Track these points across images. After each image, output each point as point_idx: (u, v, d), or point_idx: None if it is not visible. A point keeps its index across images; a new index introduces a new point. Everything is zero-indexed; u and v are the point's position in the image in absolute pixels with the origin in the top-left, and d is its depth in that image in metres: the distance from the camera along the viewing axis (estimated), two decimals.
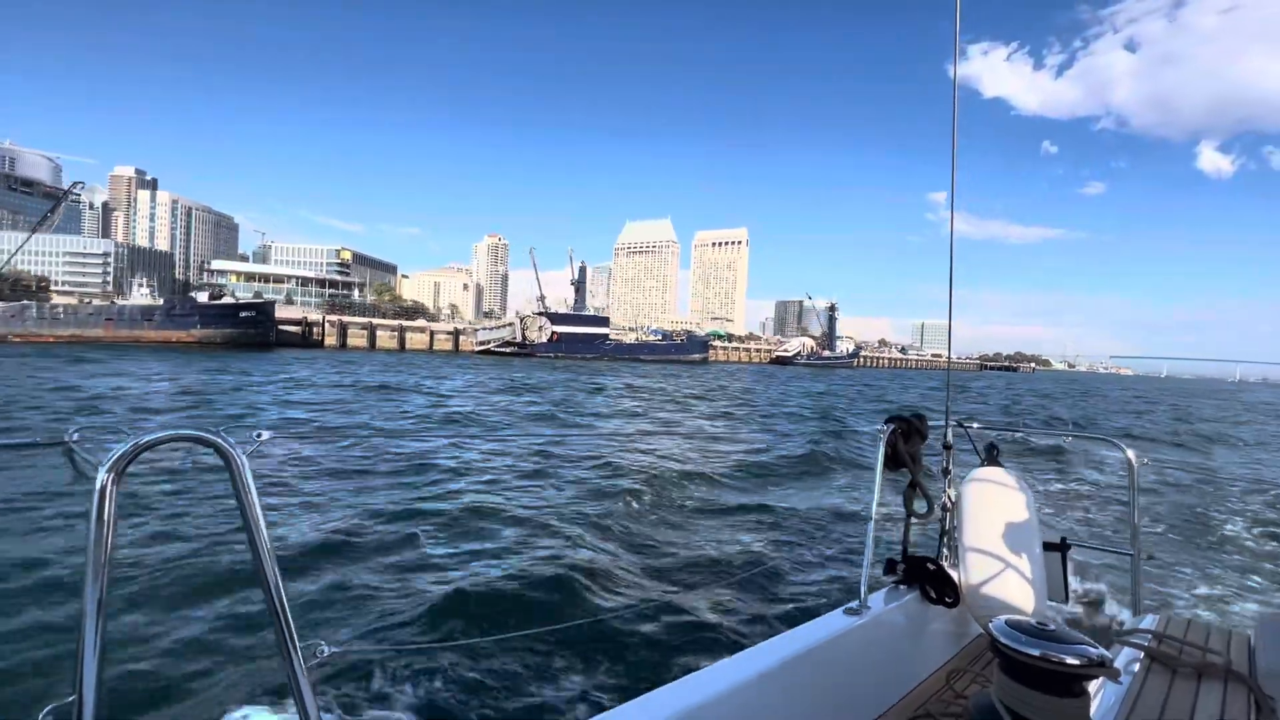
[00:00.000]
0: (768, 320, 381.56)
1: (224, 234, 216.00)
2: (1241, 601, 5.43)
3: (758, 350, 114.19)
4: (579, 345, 77.78)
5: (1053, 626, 1.52)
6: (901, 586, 2.42)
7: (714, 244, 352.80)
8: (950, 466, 2.86)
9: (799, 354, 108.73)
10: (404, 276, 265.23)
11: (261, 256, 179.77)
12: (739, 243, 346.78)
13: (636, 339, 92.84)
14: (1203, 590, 5.58)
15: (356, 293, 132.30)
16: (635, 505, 7.04)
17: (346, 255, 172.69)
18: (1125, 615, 3.34)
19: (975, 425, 3.10)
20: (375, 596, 4.44)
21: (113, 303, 59.77)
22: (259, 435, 1.24)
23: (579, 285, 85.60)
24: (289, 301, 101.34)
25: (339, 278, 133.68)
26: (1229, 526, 7.69)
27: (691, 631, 4.20)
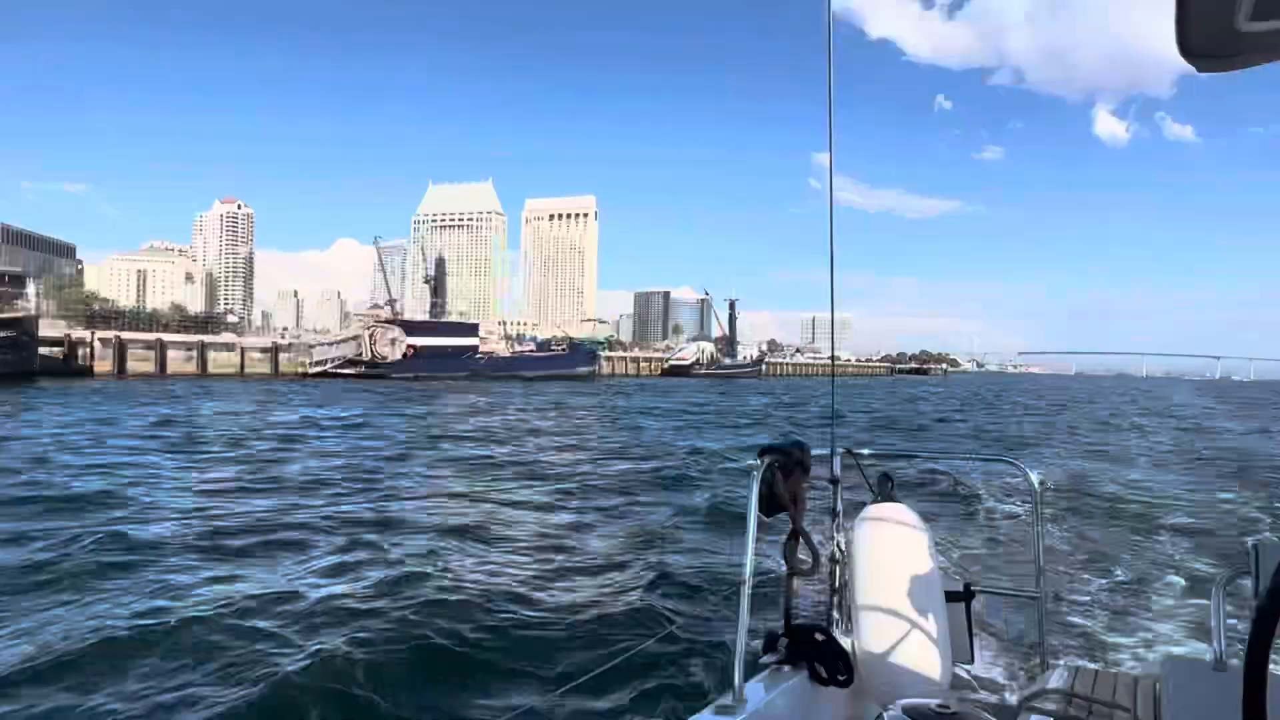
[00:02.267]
0: (622, 318, 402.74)
1: None
2: (1147, 636, 6.92)
3: (647, 360, 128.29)
4: (442, 361, 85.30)
5: (954, 708, 1.77)
6: (785, 668, 2.58)
7: (553, 216, 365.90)
8: (839, 506, 3.20)
9: (697, 362, 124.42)
10: (79, 264, 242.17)
11: None
12: (585, 215, 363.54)
13: (512, 351, 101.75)
14: (1110, 635, 7.00)
15: (32, 288, 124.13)
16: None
17: None
18: (1035, 669, 3.87)
19: (866, 452, 3.48)
20: None
21: None
22: None
23: (437, 282, 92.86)
24: None
25: None
26: (1132, 554, 9.77)
27: None
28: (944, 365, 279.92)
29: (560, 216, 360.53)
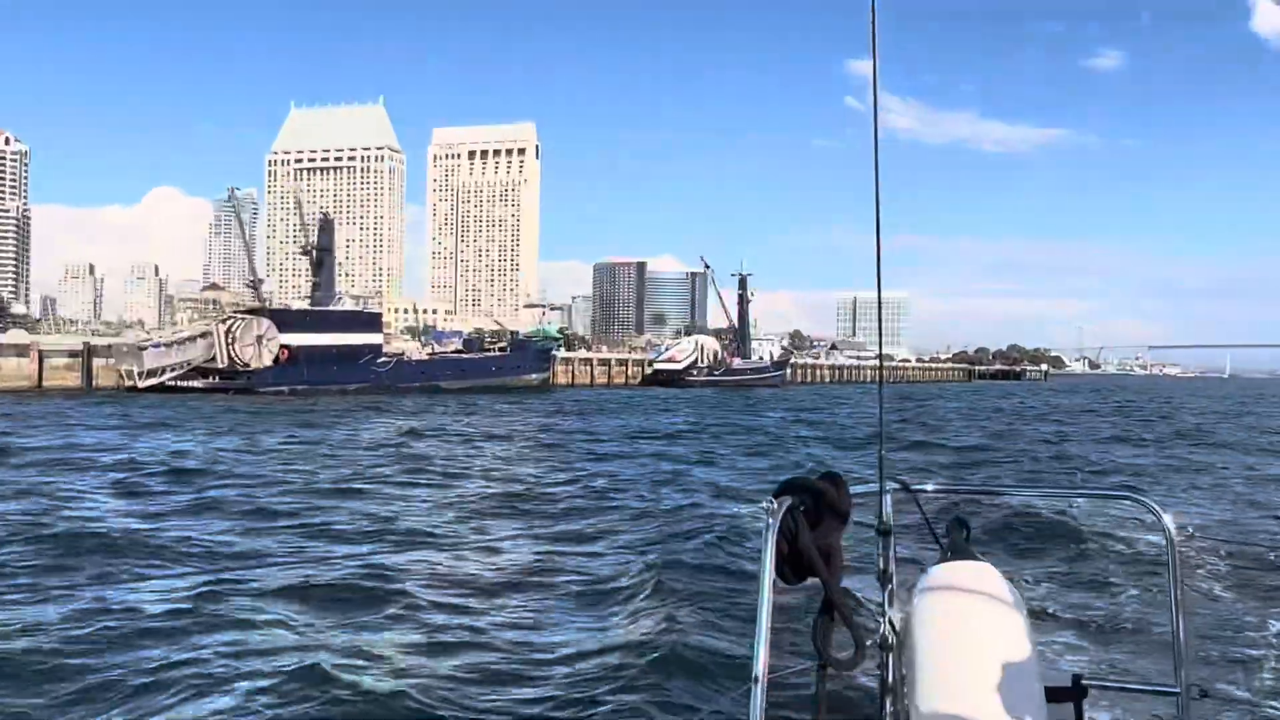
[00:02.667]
0: (576, 300, 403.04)
1: None
2: None
3: (620, 363, 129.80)
4: (331, 369, 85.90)
5: None
6: None
7: (474, 154, 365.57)
8: (891, 565, 3.23)
9: (694, 365, 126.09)
10: None
11: None
12: (521, 151, 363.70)
13: (429, 352, 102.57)
14: None
15: None
16: None
17: None
18: None
19: (930, 488, 3.61)
20: None
21: None
22: None
23: (321, 254, 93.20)
24: None
25: None
26: None
27: None
28: (1044, 365, 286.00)
29: (485, 154, 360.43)
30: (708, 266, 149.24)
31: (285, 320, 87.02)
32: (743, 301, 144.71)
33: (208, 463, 29.10)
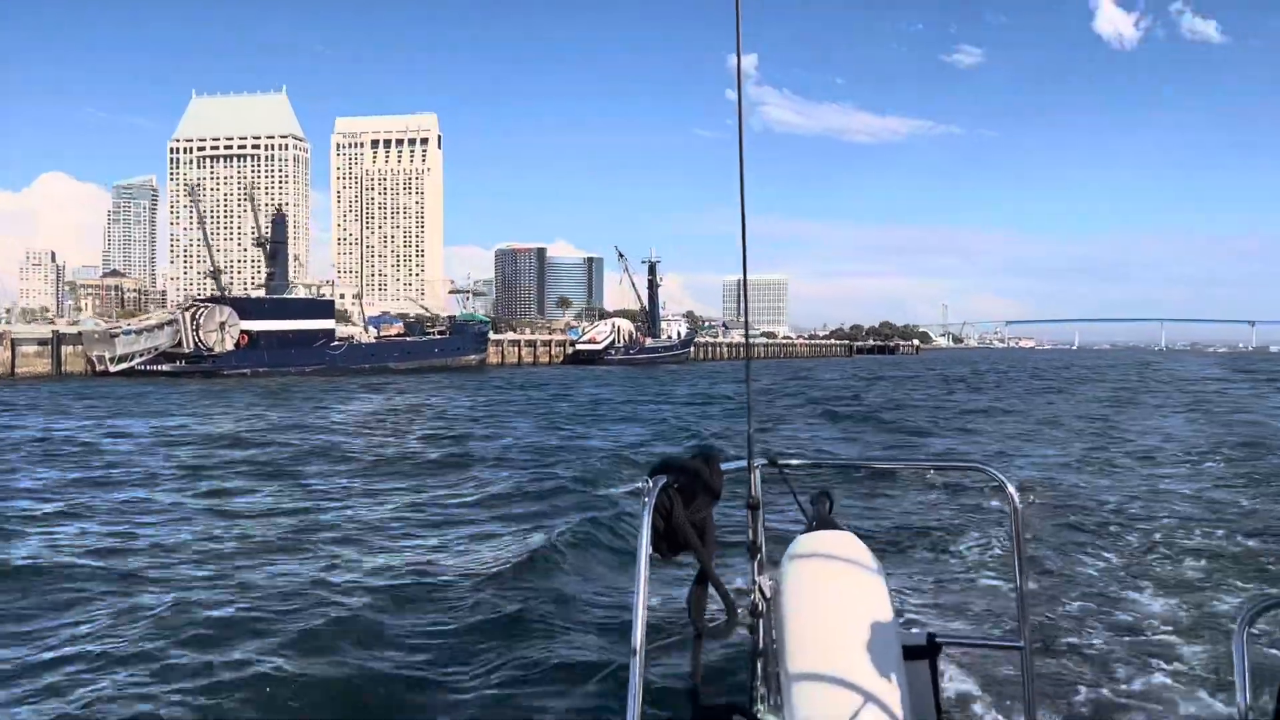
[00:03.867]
0: (475, 284, 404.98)
1: None
2: (1155, 695, 7.65)
3: (544, 344, 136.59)
4: (289, 352, 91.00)
5: None
6: None
7: (377, 142, 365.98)
8: (761, 537, 3.36)
9: (612, 345, 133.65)
10: None
11: None
12: (424, 141, 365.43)
13: (376, 336, 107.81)
14: (1108, 686, 7.82)
15: None
16: None
17: None
18: None
19: (795, 463, 3.75)
20: None
21: None
22: None
23: (275, 246, 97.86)
24: None
25: None
26: (1142, 586, 11.13)
27: None
28: (915, 341, 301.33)
29: (388, 143, 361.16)
30: (622, 255, 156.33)
31: (245, 308, 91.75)
32: (652, 286, 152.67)
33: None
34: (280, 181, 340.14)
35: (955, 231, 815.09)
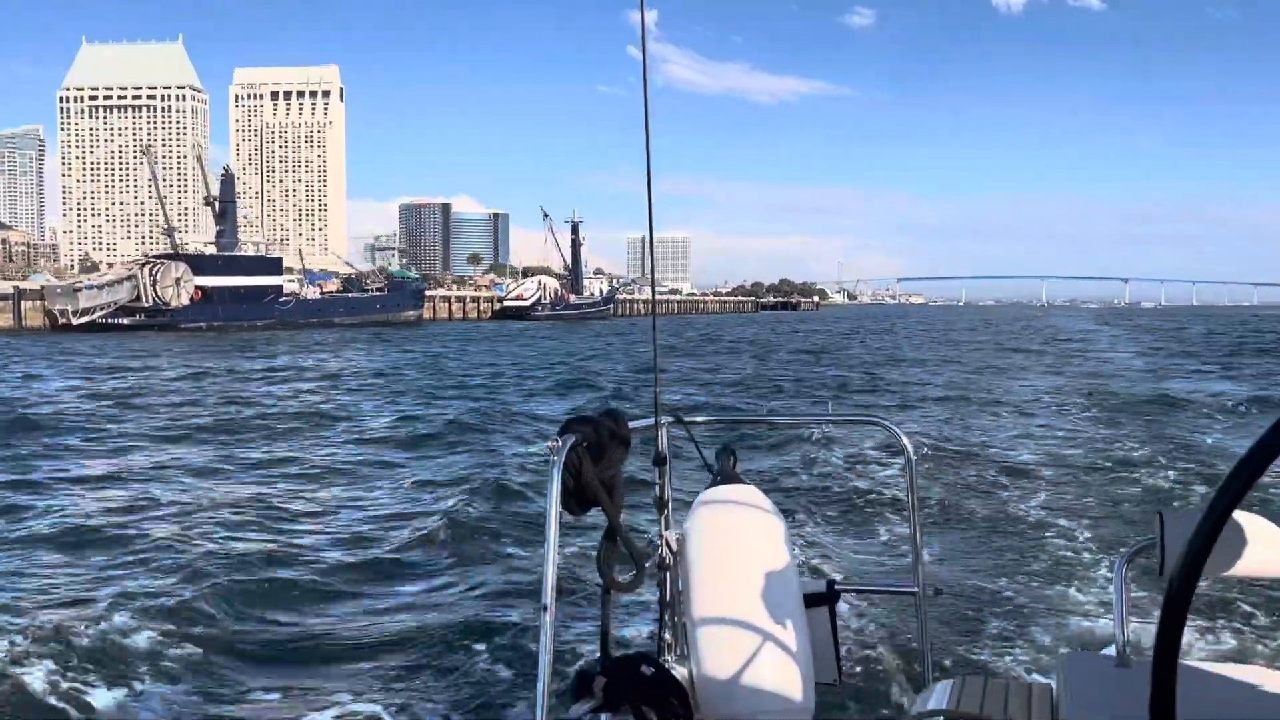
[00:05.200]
0: (379, 240, 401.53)
1: None
2: (1042, 632, 8.08)
3: (474, 300, 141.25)
4: (241, 307, 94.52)
5: None
6: (604, 716, 2.75)
7: (275, 94, 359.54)
8: (668, 492, 3.42)
9: (539, 302, 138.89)
10: None
11: None
12: (326, 94, 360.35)
13: (321, 291, 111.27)
14: (997, 625, 8.26)
15: None
16: None
17: None
18: (915, 681, 4.42)
19: (700, 419, 3.85)
20: None
21: None
22: None
23: (224, 205, 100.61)
24: None
25: None
26: (1027, 532, 11.77)
27: None
28: (815, 297, 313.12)
29: (289, 95, 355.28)
30: (547, 215, 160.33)
31: (199, 264, 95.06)
32: (575, 245, 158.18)
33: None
34: (179, 133, 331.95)
35: (855, 192, 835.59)
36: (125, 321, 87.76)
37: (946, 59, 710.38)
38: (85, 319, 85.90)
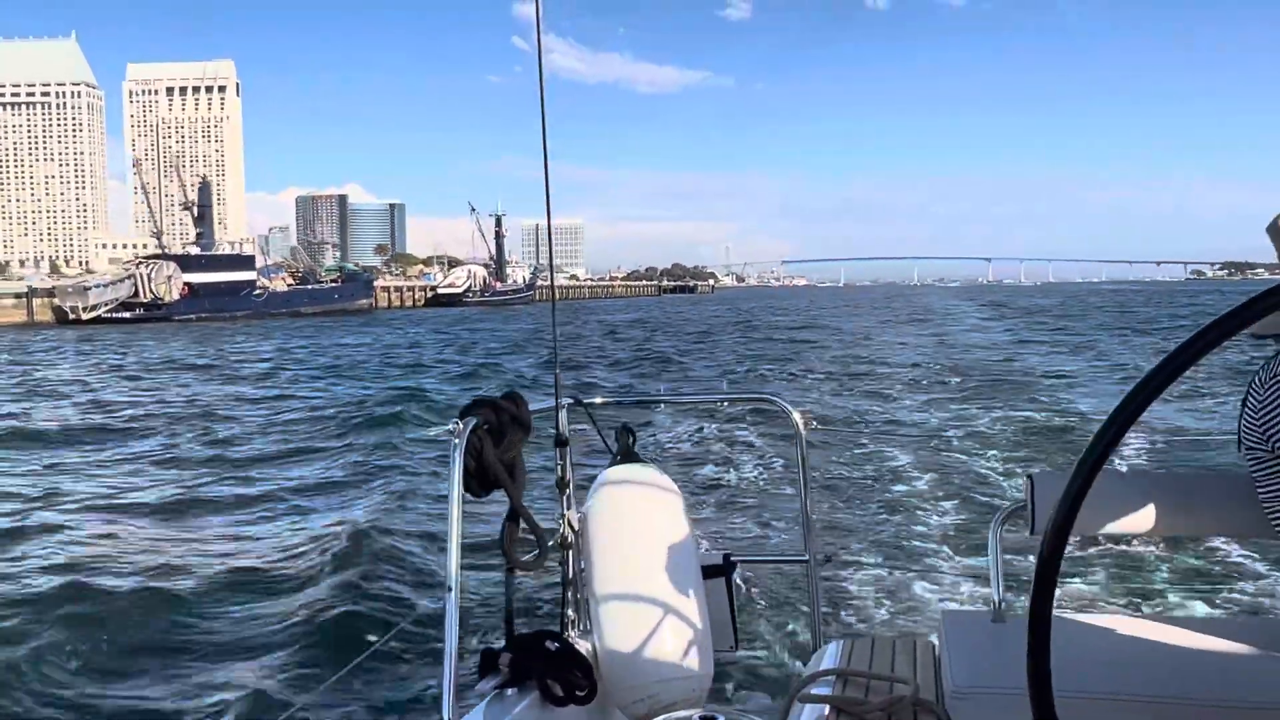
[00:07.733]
0: (273, 231, 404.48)
1: None
2: (924, 592, 8.54)
3: (410, 289, 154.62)
4: (223, 300, 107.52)
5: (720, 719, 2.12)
6: (509, 691, 2.81)
7: (171, 90, 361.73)
8: (569, 473, 3.50)
9: (469, 290, 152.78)
10: None
11: None
12: (221, 89, 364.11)
13: (288, 284, 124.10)
14: (883, 589, 8.71)
15: None
16: None
17: None
18: (807, 644, 4.60)
19: (599, 401, 4.00)
20: None
21: None
22: None
23: (201, 209, 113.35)
24: None
25: None
26: (911, 498, 12.39)
27: None
28: (710, 281, 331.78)
29: (184, 90, 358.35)
30: (474, 209, 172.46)
31: (186, 263, 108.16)
32: (499, 236, 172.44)
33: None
34: (74, 130, 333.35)
35: (734, 177, 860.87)
36: (127, 316, 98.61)
37: (817, 47, 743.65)
38: (94, 314, 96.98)
